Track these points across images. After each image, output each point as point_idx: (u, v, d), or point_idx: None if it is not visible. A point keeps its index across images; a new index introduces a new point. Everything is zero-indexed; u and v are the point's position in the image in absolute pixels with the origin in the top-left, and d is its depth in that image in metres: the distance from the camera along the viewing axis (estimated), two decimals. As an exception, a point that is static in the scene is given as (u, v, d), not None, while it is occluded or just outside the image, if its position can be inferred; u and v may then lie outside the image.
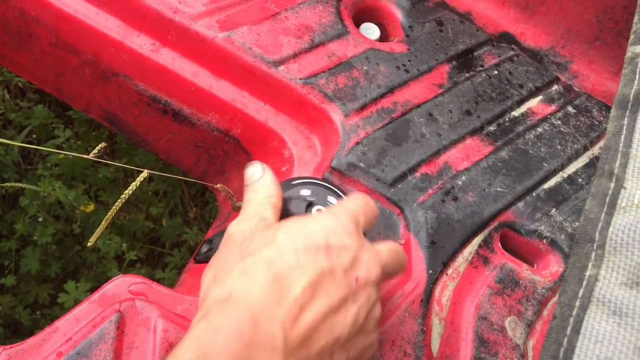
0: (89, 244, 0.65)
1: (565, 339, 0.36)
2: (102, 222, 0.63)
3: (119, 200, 0.63)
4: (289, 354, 0.42)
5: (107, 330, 0.52)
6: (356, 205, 0.53)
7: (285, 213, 0.57)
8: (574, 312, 0.37)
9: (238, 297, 0.44)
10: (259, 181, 0.57)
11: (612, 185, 0.42)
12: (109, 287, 0.56)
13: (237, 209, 0.70)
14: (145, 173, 0.72)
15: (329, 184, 0.62)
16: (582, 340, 0.36)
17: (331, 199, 0.60)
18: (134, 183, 0.71)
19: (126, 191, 0.65)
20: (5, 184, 1.12)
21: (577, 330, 0.36)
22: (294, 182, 0.61)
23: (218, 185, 0.65)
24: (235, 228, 0.52)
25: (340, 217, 0.50)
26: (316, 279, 0.45)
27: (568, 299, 0.38)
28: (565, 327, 0.36)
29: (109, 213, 0.63)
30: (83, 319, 0.54)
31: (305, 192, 0.60)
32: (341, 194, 0.61)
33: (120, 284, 0.56)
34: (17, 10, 0.72)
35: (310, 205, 0.58)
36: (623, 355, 0.34)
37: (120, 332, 0.53)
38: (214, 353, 0.40)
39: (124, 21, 0.70)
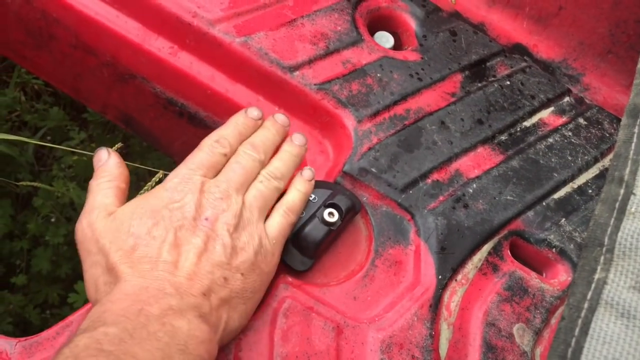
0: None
1: (574, 340, 0.36)
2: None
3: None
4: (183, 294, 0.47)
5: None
6: (201, 149, 0.59)
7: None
8: (582, 314, 0.38)
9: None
10: (103, 166, 0.56)
11: (622, 191, 0.42)
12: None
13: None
14: (160, 174, 0.73)
15: (322, 181, 0.65)
16: (590, 341, 0.36)
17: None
18: (148, 184, 0.73)
19: (140, 192, 0.66)
20: (20, 183, 1.13)
21: (585, 331, 0.37)
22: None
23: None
24: (79, 226, 0.53)
25: (181, 172, 0.56)
26: (174, 238, 0.49)
27: (577, 301, 0.38)
28: (574, 328, 0.37)
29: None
30: (96, 314, 0.54)
31: (311, 196, 0.62)
32: (332, 187, 0.64)
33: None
34: (38, 12, 0.73)
35: (319, 209, 0.61)
36: (630, 356, 0.35)
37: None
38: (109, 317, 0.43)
39: (143, 24, 0.72)
